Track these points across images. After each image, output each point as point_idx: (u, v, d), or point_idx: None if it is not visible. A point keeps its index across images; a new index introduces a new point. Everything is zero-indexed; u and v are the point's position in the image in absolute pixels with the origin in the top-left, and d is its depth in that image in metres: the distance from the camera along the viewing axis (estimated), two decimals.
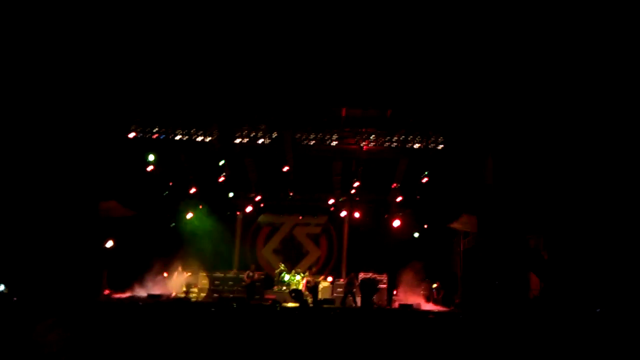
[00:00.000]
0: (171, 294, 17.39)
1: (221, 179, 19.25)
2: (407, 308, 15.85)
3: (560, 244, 14.98)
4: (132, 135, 17.57)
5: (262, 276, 19.79)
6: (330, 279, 19.77)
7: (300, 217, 21.43)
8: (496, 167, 16.21)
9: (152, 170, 18.31)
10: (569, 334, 10.37)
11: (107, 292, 17.47)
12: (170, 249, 19.12)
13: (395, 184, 19.33)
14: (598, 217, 14.08)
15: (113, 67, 15.70)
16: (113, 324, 11.59)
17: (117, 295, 17.35)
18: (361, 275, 18.63)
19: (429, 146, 17.36)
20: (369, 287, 17.19)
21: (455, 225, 18.68)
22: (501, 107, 15.74)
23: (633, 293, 12.62)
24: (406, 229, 19.82)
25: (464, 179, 17.35)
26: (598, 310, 12.18)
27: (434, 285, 18.29)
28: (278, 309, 15.47)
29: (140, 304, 14.90)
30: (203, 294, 18.65)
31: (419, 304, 16.94)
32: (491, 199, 16.45)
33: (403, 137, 17.32)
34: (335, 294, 18.81)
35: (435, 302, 18.04)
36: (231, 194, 19.97)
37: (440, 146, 17.31)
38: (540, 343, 10.18)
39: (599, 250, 13.81)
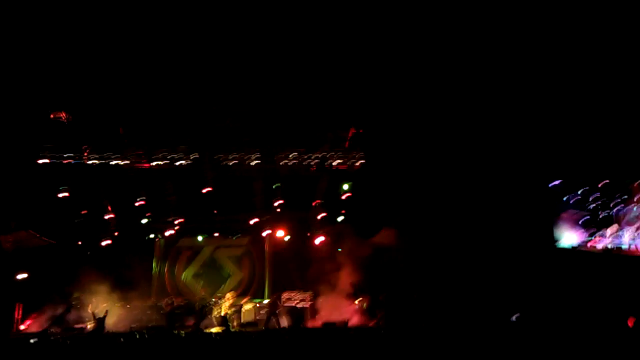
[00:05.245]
0: (86, 326, 16.62)
1: (138, 203, 18.73)
2: (330, 326, 15.91)
3: None
4: (42, 161, 16.89)
5: (183, 303, 19.24)
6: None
7: (222, 238, 20.76)
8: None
9: (65, 197, 17.59)
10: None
11: (22, 326, 16.54)
12: (86, 278, 18.25)
13: (316, 201, 19.43)
14: None
15: (20, 88, 15.09)
16: None
17: (32, 330, 16.45)
18: (285, 295, 18.53)
19: (349, 163, 17.65)
20: (296, 314, 17.22)
21: (376, 239, 18.96)
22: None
23: None
24: (329, 245, 19.93)
25: (384, 193, 17.68)
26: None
27: (357, 301, 18.37)
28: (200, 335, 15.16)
29: (53, 338, 14.21)
30: (120, 325, 17.85)
31: (342, 321, 16.98)
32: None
33: (323, 154, 17.50)
34: (258, 317, 18.55)
35: (365, 318, 18.01)
36: (144, 221, 19.32)
37: (360, 162, 17.63)
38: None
39: None
